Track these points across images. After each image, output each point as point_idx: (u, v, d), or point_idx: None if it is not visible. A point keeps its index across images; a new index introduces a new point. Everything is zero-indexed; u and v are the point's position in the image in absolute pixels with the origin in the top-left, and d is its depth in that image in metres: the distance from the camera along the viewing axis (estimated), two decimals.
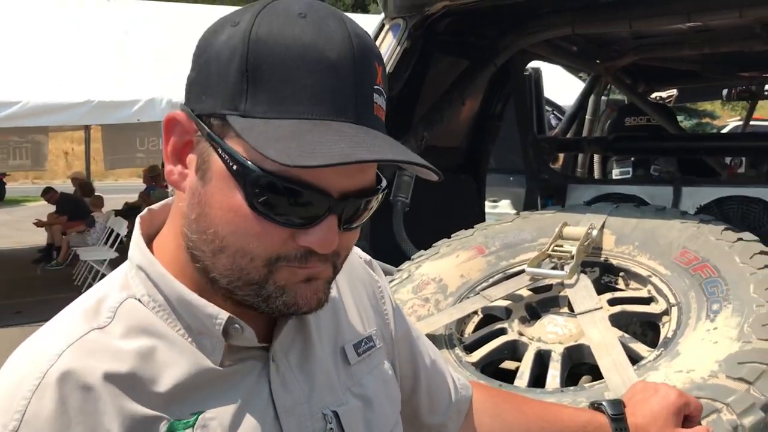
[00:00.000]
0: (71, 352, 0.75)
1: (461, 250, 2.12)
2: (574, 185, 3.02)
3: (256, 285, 0.78)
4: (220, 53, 0.76)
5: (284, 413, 0.83)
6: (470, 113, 3.35)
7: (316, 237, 0.76)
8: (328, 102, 0.73)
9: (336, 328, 0.96)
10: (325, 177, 0.74)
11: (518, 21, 2.84)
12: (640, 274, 1.87)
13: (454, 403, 1.15)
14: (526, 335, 1.79)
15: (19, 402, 0.72)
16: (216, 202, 0.76)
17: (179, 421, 0.77)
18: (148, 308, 0.81)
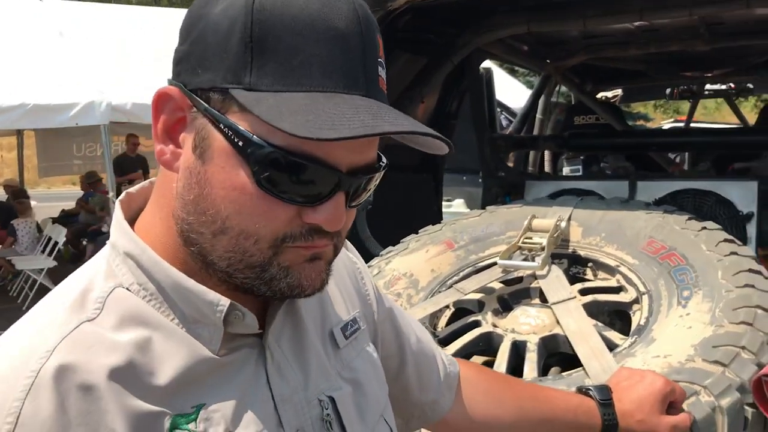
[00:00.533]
0: (65, 346, 0.71)
1: (430, 245, 2.12)
2: (532, 182, 3.05)
3: (258, 268, 0.75)
4: (218, 24, 0.72)
5: (281, 402, 0.81)
6: (427, 111, 3.36)
7: (325, 214, 0.74)
8: (339, 73, 0.71)
9: (323, 312, 0.94)
10: (335, 152, 0.72)
11: (476, 19, 2.86)
12: (608, 264, 1.90)
13: (443, 380, 1.15)
14: (500, 327, 1.80)
15: (12, 404, 0.67)
16: (218, 182, 0.73)
17: (181, 416, 0.74)
18: (138, 297, 0.77)
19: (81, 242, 10.24)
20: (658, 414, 1.24)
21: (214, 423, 0.75)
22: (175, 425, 0.73)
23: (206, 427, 0.74)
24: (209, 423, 0.75)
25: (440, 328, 1.94)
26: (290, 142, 0.69)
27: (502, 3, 2.74)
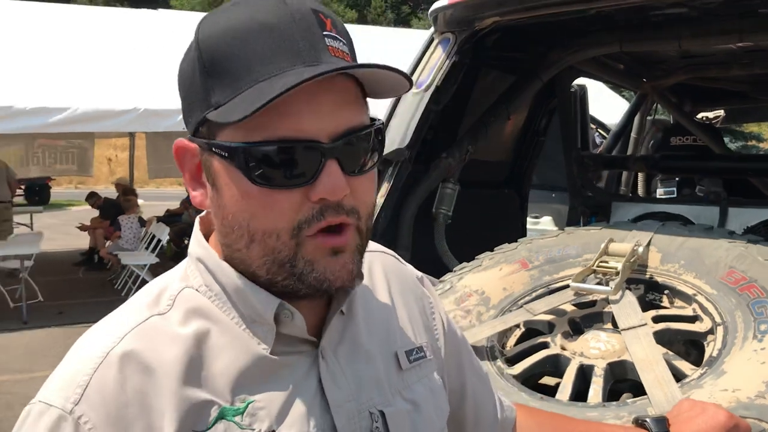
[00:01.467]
0: (133, 335, 0.80)
1: (504, 264, 2.13)
2: (619, 203, 3.01)
3: (288, 264, 0.81)
4: (185, 72, 0.83)
5: (336, 408, 0.86)
6: (515, 128, 3.36)
7: (322, 185, 0.78)
8: (278, 58, 0.77)
9: (388, 333, 0.98)
10: (305, 127, 0.77)
11: (566, 37, 2.85)
12: (685, 292, 1.86)
13: (499, 423, 1.16)
14: (569, 350, 1.79)
15: (82, 378, 0.77)
16: (229, 198, 0.81)
17: (230, 407, 0.80)
18: (204, 297, 0.86)
19: (183, 241, 10.70)
20: None
21: (258, 419, 0.81)
22: (222, 415, 0.80)
23: (251, 422, 0.80)
24: (254, 418, 0.81)
25: (509, 347, 1.94)
26: (265, 133, 0.77)
27: (594, 22, 2.71)
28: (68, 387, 0.77)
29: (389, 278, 1.05)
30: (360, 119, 0.82)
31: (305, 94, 0.76)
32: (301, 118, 0.77)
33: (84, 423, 0.75)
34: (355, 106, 0.82)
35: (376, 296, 1.01)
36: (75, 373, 0.78)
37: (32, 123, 7.28)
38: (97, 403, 0.76)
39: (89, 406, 0.76)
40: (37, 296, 8.14)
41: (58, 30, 9.20)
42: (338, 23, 0.84)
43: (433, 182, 2.67)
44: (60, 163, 14.29)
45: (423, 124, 2.46)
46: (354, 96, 0.82)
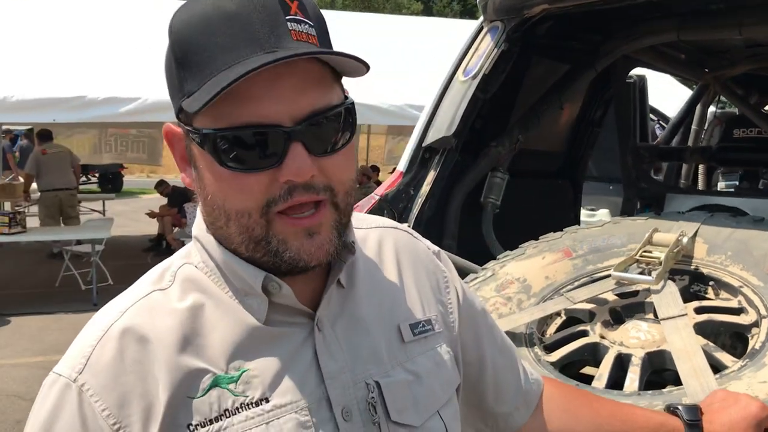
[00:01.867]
0: (134, 309, 0.87)
1: (548, 252, 2.13)
2: (673, 195, 2.95)
3: (263, 241, 0.84)
4: (165, 64, 0.88)
5: (330, 379, 0.89)
6: (569, 118, 3.33)
7: (287, 167, 0.81)
8: (238, 47, 0.80)
9: (392, 306, 1.01)
10: (266, 112, 0.80)
11: (621, 26, 2.80)
12: (730, 284, 1.83)
13: (522, 395, 1.17)
14: (608, 339, 1.79)
15: (87, 349, 0.85)
16: (206, 180, 0.85)
17: (224, 375, 0.85)
18: (202, 273, 0.91)
19: None
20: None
21: (252, 387, 0.85)
22: (217, 383, 0.84)
23: (245, 389, 0.85)
24: (248, 386, 0.85)
25: (548, 335, 1.95)
26: (230, 120, 0.80)
27: (650, 10, 2.66)
28: (75, 358, 0.85)
29: (399, 253, 1.07)
30: (326, 100, 0.83)
31: (266, 79, 0.78)
32: (262, 103, 0.80)
33: (86, 390, 0.82)
34: (320, 87, 0.83)
35: (383, 270, 1.03)
36: (81, 347, 0.85)
37: (104, 112, 7.55)
38: (98, 372, 0.83)
39: (91, 374, 0.83)
40: (107, 279, 8.45)
41: (130, 21, 9.49)
42: (308, 5, 0.85)
43: (481, 171, 2.67)
44: (131, 152, 14.76)
45: (470, 112, 2.47)
46: (318, 77, 0.83)
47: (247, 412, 0.84)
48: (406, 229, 1.13)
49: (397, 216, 2.47)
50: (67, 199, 10.31)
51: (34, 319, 7.22)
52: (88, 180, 20.22)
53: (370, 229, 1.08)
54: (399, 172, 2.56)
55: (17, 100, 7.26)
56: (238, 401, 0.85)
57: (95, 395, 0.82)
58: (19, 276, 9.39)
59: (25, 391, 5.27)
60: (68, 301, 7.91)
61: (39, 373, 5.55)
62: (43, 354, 6.07)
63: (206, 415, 0.83)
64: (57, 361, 0.87)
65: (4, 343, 6.48)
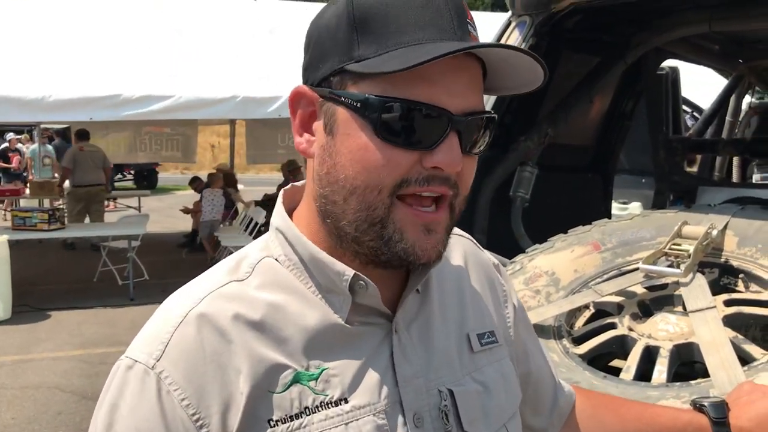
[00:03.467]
0: (211, 297, 0.85)
1: (577, 245, 2.13)
2: (705, 188, 2.93)
3: (379, 224, 0.82)
4: (329, 25, 0.85)
5: (404, 382, 0.88)
6: (599, 111, 3.32)
7: (441, 154, 0.81)
8: (430, 29, 0.81)
9: (462, 314, 1.00)
10: (440, 97, 0.81)
11: (651, 18, 2.79)
12: (761, 277, 1.82)
13: (558, 410, 1.18)
14: (636, 331, 1.79)
15: (164, 335, 0.83)
16: (345, 148, 0.83)
17: (305, 372, 0.84)
18: (283, 267, 0.89)
19: None
20: None
21: (332, 386, 0.84)
22: (298, 379, 0.83)
23: (324, 388, 0.84)
24: (328, 384, 0.84)
25: (577, 328, 1.96)
26: (401, 93, 0.80)
27: (680, 1, 2.64)
28: (152, 344, 0.82)
29: (467, 262, 1.07)
30: (482, 104, 0.86)
31: (446, 68, 0.80)
32: (438, 87, 0.80)
33: (165, 378, 0.80)
34: (480, 91, 0.86)
35: (453, 278, 1.03)
36: (158, 332, 0.83)
37: (138, 111, 7.67)
38: (177, 359, 0.81)
39: (169, 362, 0.81)
40: (143, 275, 8.60)
41: (163, 21, 9.62)
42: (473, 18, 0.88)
43: (510, 165, 2.68)
44: (166, 150, 14.92)
45: (498, 107, 2.48)
46: (480, 83, 0.86)
47: (327, 411, 0.83)
48: (470, 238, 1.13)
49: None
50: (95, 195, 10.67)
51: (73, 314, 7.38)
52: (123, 177, 20.56)
53: None
54: None
55: (54, 99, 7.42)
56: (318, 399, 0.83)
57: (174, 383, 0.80)
58: (58, 271, 9.60)
59: (65, 383, 5.40)
60: (106, 296, 8.08)
61: (79, 365, 5.69)
62: (83, 347, 6.20)
63: (287, 411, 0.82)
64: (97, 354, 0.86)
65: (45, 336, 6.63)
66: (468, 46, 0.78)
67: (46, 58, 8.08)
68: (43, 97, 7.37)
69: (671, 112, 3.93)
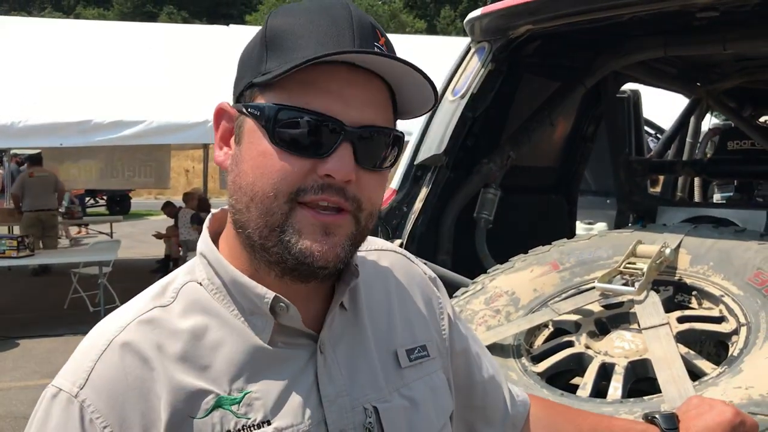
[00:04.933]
0: (134, 324, 0.87)
1: (536, 265, 2.18)
2: (665, 208, 2.99)
3: (278, 228, 0.85)
4: (249, 47, 0.92)
5: (328, 402, 0.90)
6: (561, 134, 3.38)
7: (332, 163, 0.84)
8: (331, 43, 0.84)
9: (390, 330, 1.02)
10: (334, 108, 0.84)
11: (608, 43, 2.86)
12: (712, 293, 1.87)
13: (510, 418, 1.19)
14: (593, 349, 1.83)
15: (88, 363, 0.84)
16: (247, 154, 0.87)
17: (227, 396, 0.85)
18: (207, 290, 0.91)
19: None
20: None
21: (254, 409, 0.86)
22: (219, 404, 0.85)
23: (247, 411, 0.85)
24: (251, 408, 0.86)
25: (536, 346, 1.99)
26: (296, 102, 0.84)
27: (635, 27, 2.72)
28: (76, 372, 0.84)
29: (396, 276, 1.09)
30: (384, 121, 0.89)
31: (344, 81, 0.84)
32: (334, 98, 0.84)
33: (88, 406, 0.82)
34: (383, 109, 0.89)
35: (382, 293, 1.05)
36: (82, 361, 0.85)
37: (110, 136, 7.64)
38: (100, 388, 0.83)
39: (93, 390, 0.83)
40: (115, 301, 8.48)
41: (135, 48, 9.63)
42: (390, 44, 0.91)
43: (473, 187, 2.73)
44: (138, 176, 14.82)
45: (460, 130, 2.53)
46: (384, 101, 0.89)
47: None
48: (404, 252, 1.15)
49: (390, 233, 2.52)
50: (47, 219, 10.53)
51: (43, 342, 7.28)
52: (96, 203, 20.37)
53: (369, 252, 1.09)
54: (392, 189, 2.62)
55: (24, 125, 7.37)
56: (240, 423, 0.84)
57: (96, 411, 0.81)
58: (27, 299, 9.46)
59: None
60: (76, 323, 7.96)
61: None
62: (51, 377, 5.94)
63: None
64: None
65: (13, 366, 6.53)
66: (341, 51, 0.81)
67: (17, 84, 8.04)
68: (12, 123, 7.32)
69: (633, 134, 4.02)
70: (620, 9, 2.26)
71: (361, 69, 0.85)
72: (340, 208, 0.86)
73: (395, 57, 0.84)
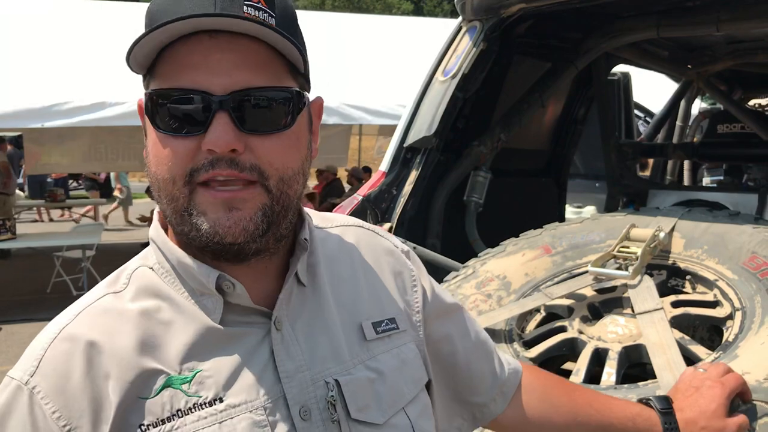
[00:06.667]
0: (86, 312, 0.88)
1: (528, 249, 2.14)
2: (656, 191, 2.97)
3: (185, 212, 0.85)
4: None
5: (286, 378, 0.90)
6: (552, 116, 3.35)
7: (211, 135, 0.82)
8: (184, 6, 0.81)
9: (353, 304, 1.01)
10: (200, 80, 0.82)
11: (601, 24, 2.82)
12: (706, 277, 1.84)
13: (498, 386, 1.19)
14: (586, 334, 1.80)
15: (39, 352, 0.86)
16: (148, 145, 0.87)
17: (177, 376, 0.86)
18: (158, 274, 0.91)
19: None
20: (722, 418, 1.22)
21: (205, 387, 0.86)
22: (169, 383, 0.85)
23: (198, 390, 0.85)
24: (201, 386, 0.86)
25: (528, 331, 1.96)
26: (167, 84, 0.83)
27: (628, 8, 2.68)
28: (27, 361, 0.86)
29: (361, 250, 1.08)
30: (266, 81, 0.84)
31: (206, 49, 0.81)
32: (198, 71, 0.82)
33: (37, 392, 0.83)
34: (263, 69, 0.84)
35: (345, 268, 1.04)
36: (33, 350, 0.86)
37: (91, 116, 7.54)
38: (49, 374, 0.83)
39: (42, 377, 0.83)
40: None
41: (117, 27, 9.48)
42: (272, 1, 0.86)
43: (464, 170, 2.69)
44: (122, 159, 14.67)
45: (450, 111, 2.48)
46: (263, 60, 0.84)
47: (200, 412, 0.85)
48: (371, 227, 1.14)
49: (380, 216, 2.48)
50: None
51: (26, 326, 7.20)
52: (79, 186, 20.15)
53: (334, 228, 1.09)
54: (381, 172, 2.57)
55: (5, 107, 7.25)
56: (191, 402, 0.85)
57: (45, 397, 0.83)
58: (9, 283, 9.36)
59: None
60: (59, 307, 7.53)
61: None
62: None
63: (158, 415, 0.84)
64: None
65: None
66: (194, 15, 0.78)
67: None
68: None
69: (623, 117, 4.00)
70: None
71: (229, 34, 0.81)
72: (245, 180, 0.84)
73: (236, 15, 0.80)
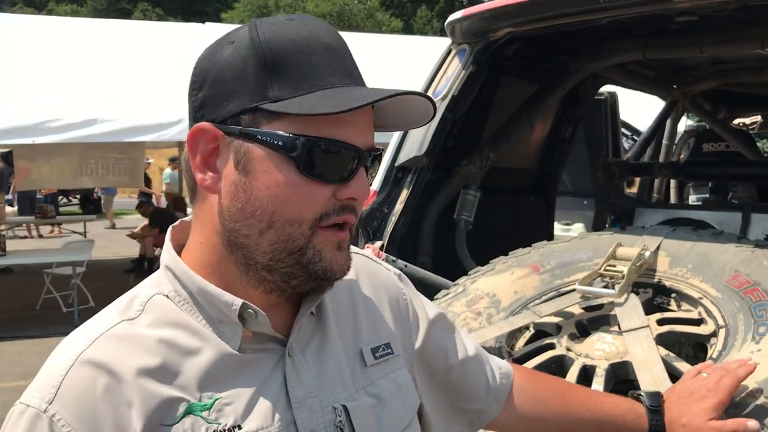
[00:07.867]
0: (102, 339, 0.88)
1: (516, 267, 2.18)
2: (642, 209, 3.02)
3: (298, 252, 0.89)
4: (231, 63, 0.89)
5: (297, 404, 0.92)
6: (540, 136, 3.40)
7: (356, 186, 0.90)
8: (339, 75, 0.89)
9: (355, 330, 1.05)
10: (349, 133, 0.89)
11: (587, 46, 2.88)
12: (691, 295, 1.88)
13: (493, 392, 1.23)
14: (574, 351, 1.84)
15: (56, 379, 0.85)
16: (262, 185, 0.87)
17: (198, 403, 0.87)
18: (174, 302, 0.92)
19: None
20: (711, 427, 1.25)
21: (225, 414, 0.87)
22: (190, 410, 0.86)
23: (218, 417, 0.87)
24: (221, 413, 0.87)
25: (518, 348, 1.99)
26: (320, 132, 0.87)
27: (614, 30, 2.74)
28: (44, 388, 0.85)
29: (359, 277, 1.11)
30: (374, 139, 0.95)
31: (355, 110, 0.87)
32: (348, 127, 0.88)
33: (57, 420, 0.82)
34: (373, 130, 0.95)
35: (346, 295, 1.07)
36: (50, 376, 0.85)
37: (81, 133, 7.54)
38: (69, 401, 0.83)
39: (62, 404, 0.83)
40: (89, 302, 8.40)
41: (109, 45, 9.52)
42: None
43: (453, 189, 2.73)
44: (113, 175, 14.66)
45: (440, 132, 2.53)
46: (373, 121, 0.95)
47: None
48: (366, 254, 1.18)
49: (371, 234, 2.52)
50: None
51: (15, 344, 7.17)
52: (69, 202, 20.12)
53: None
54: (373, 191, 2.61)
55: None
56: (211, 428, 0.86)
57: (67, 425, 0.82)
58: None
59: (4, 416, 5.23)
60: (49, 324, 7.87)
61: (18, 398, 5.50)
62: (24, 378, 6.03)
63: None
64: None
65: None
66: (394, 93, 0.86)
67: None
68: None
69: (610, 136, 4.06)
70: (600, 13, 2.27)
71: None
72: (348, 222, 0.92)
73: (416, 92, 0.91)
